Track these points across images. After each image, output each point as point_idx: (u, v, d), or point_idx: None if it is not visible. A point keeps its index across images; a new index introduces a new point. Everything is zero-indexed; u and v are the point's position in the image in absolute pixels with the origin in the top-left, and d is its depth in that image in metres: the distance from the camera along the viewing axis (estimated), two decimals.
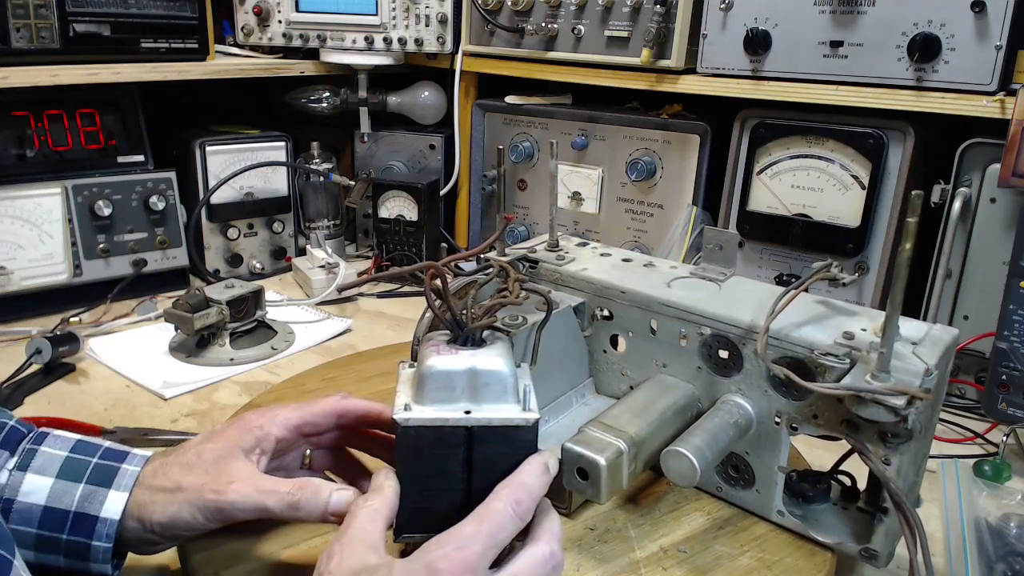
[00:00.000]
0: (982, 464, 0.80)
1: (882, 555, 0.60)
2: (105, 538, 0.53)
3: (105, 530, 0.53)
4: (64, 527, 0.53)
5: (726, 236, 0.73)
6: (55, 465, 0.55)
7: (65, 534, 0.53)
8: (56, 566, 0.54)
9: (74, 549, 0.53)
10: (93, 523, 0.53)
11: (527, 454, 0.50)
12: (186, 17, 1.19)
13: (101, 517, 0.53)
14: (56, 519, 0.53)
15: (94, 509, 0.53)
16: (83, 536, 0.53)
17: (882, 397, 0.52)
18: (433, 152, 1.45)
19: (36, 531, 0.53)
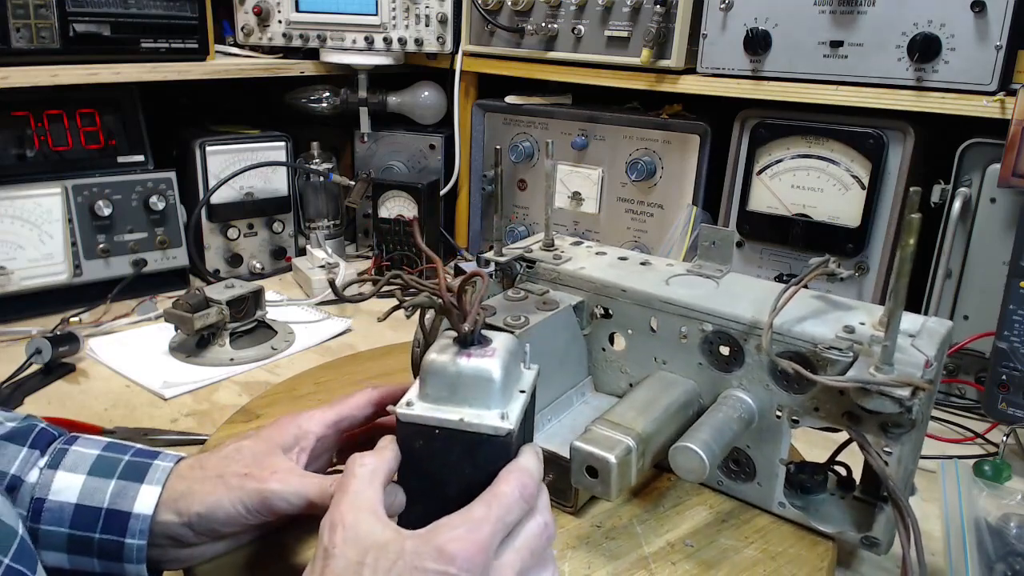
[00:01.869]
0: (982, 464, 0.80)
1: (883, 542, 0.60)
2: (139, 534, 0.52)
3: (138, 526, 0.52)
4: (96, 526, 0.52)
5: (722, 233, 0.73)
6: (87, 463, 0.54)
7: (98, 533, 0.52)
8: (90, 570, 0.53)
9: (107, 549, 0.52)
10: (126, 520, 0.52)
11: (504, 462, 0.49)
12: (186, 17, 1.19)
13: (134, 513, 0.52)
14: (88, 518, 0.52)
15: (127, 505, 0.52)
16: (116, 534, 0.52)
17: (888, 389, 0.52)
18: (433, 152, 1.45)
19: (68, 531, 0.52)
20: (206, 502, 0.52)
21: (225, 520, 0.52)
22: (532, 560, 0.47)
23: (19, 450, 0.53)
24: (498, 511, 0.46)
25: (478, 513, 0.45)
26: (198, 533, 0.53)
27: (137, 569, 0.53)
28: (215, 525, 0.53)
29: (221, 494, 0.52)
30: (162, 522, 0.53)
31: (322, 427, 0.58)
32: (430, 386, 0.50)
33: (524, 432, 0.52)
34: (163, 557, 0.54)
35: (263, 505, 0.52)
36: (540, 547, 0.47)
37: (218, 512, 0.52)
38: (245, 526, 0.54)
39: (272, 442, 0.56)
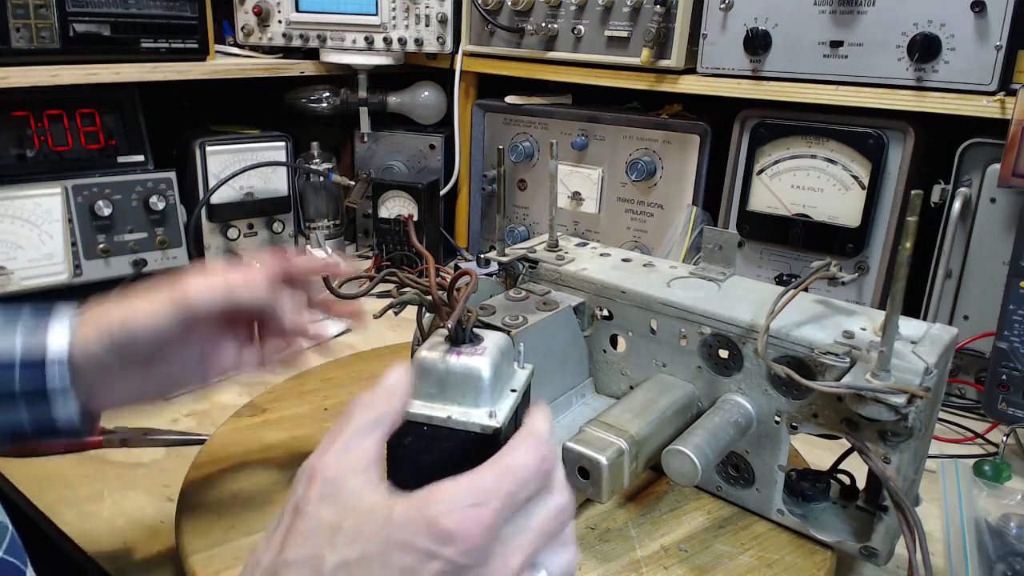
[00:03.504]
0: (982, 464, 0.80)
1: (882, 553, 0.60)
2: (60, 376, 0.50)
3: (56, 369, 0.50)
4: (13, 378, 0.50)
5: (726, 236, 0.73)
6: None
7: (17, 385, 0.50)
8: (20, 429, 0.51)
9: (33, 398, 0.50)
10: (42, 366, 0.50)
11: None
12: (186, 17, 1.19)
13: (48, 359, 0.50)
14: (4, 373, 0.50)
15: (39, 352, 0.50)
16: (37, 381, 0.50)
17: (883, 395, 0.52)
18: (433, 152, 1.45)
19: None
20: (122, 314, 0.51)
21: (145, 329, 0.51)
22: (544, 542, 0.39)
23: None
24: (511, 485, 0.37)
25: (487, 482, 0.37)
26: (122, 352, 0.51)
27: (65, 411, 0.51)
28: (136, 334, 0.51)
29: (136, 304, 0.51)
30: (84, 346, 0.51)
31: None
32: (420, 383, 0.50)
33: (515, 431, 0.52)
34: (96, 393, 0.53)
35: (180, 302, 0.51)
36: (555, 529, 0.39)
37: (137, 321, 0.51)
38: (169, 334, 0.52)
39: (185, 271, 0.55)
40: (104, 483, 0.75)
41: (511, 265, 0.79)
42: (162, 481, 0.76)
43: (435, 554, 0.35)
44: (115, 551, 0.66)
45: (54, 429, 0.52)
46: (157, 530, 0.69)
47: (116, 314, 0.51)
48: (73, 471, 0.77)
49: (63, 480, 0.76)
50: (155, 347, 0.52)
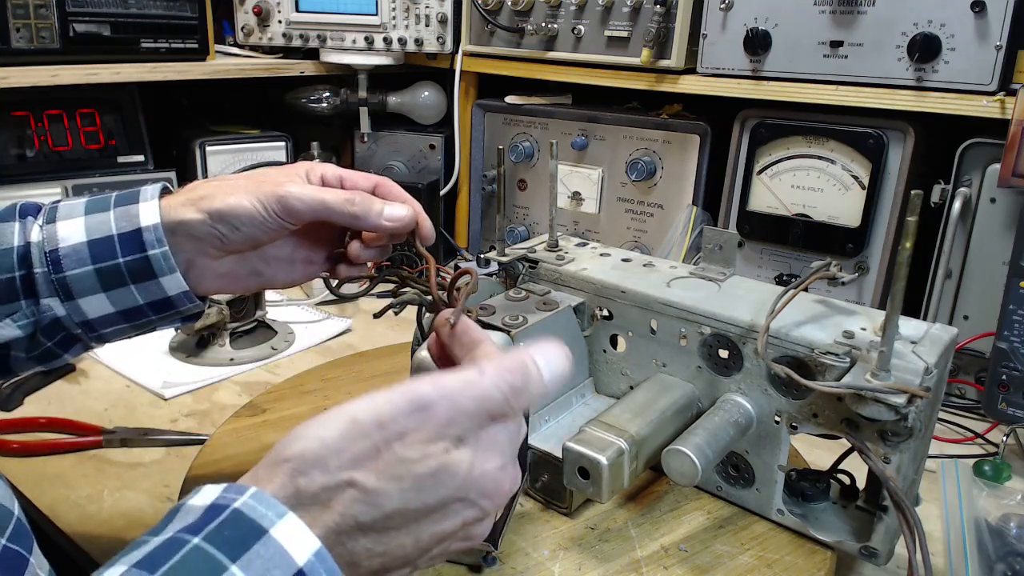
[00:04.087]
0: (982, 464, 0.80)
1: (882, 553, 0.60)
2: (157, 243, 0.53)
3: (152, 236, 0.53)
4: (115, 252, 0.53)
5: (726, 236, 0.73)
6: (80, 208, 0.54)
7: (120, 257, 0.53)
8: (135, 305, 0.54)
9: (136, 270, 0.53)
10: (139, 235, 0.53)
11: None
12: (186, 17, 1.19)
13: (143, 227, 0.53)
14: (104, 247, 0.53)
15: (133, 224, 0.53)
16: (136, 252, 0.53)
17: (882, 395, 0.52)
18: (433, 152, 1.45)
19: (93, 267, 0.52)
20: (227, 201, 0.53)
21: (245, 217, 0.54)
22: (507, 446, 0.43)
23: (12, 224, 0.53)
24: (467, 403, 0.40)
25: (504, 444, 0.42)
26: (221, 234, 0.54)
27: (174, 280, 0.54)
28: (236, 224, 0.54)
29: (241, 195, 0.54)
30: (184, 220, 0.53)
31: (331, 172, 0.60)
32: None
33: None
34: (194, 271, 0.55)
35: (280, 203, 0.54)
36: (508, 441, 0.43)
37: (239, 210, 0.53)
38: (266, 229, 0.55)
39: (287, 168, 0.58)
40: (104, 483, 0.75)
41: (511, 265, 0.79)
42: (162, 481, 0.76)
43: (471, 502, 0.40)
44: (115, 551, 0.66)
45: (168, 302, 0.55)
46: None
47: (217, 200, 0.54)
48: (73, 471, 0.77)
49: (63, 480, 0.76)
50: (251, 238, 0.55)
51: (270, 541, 0.34)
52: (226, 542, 0.33)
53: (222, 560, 0.33)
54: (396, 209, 0.58)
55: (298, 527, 0.35)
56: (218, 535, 0.34)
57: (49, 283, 0.52)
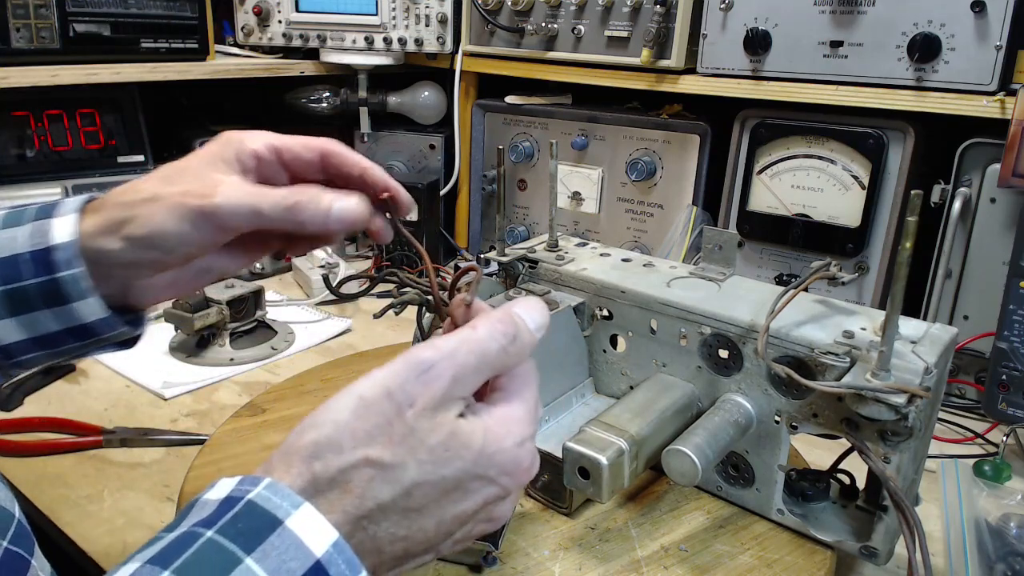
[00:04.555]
0: (982, 464, 0.80)
1: (882, 553, 0.60)
2: (66, 265, 0.47)
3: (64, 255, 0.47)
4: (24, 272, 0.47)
5: (726, 236, 0.73)
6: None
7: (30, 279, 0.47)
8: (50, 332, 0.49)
9: (47, 293, 0.47)
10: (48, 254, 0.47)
11: None
12: (186, 17, 1.19)
13: (53, 245, 0.47)
14: (13, 268, 0.47)
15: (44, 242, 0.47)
16: (46, 273, 0.47)
17: (883, 395, 0.52)
18: (433, 152, 1.45)
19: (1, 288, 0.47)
20: (147, 225, 0.47)
21: (172, 242, 0.48)
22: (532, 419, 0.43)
23: None
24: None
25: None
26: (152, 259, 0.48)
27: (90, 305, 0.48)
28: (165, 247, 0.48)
29: (163, 216, 0.47)
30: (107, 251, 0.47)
31: (263, 146, 0.51)
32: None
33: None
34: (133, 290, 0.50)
35: (210, 221, 0.47)
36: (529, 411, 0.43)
37: (162, 235, 0.47)
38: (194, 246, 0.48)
39: (210, 157, 0.50)
40: (104, 483, 0.75)
41: (511, 265, 0.79)
42: (162, 481, 0.76)
43: (491, 480, 0.40)
44: (115, 551, 0.66)
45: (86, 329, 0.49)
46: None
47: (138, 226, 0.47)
48: (73, 471, 0.77)
49: (63, 480, 0.76)
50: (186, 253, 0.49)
51: (285, 532, 0.33)
52: (240, 534, 0.33)
53: (236, 552, 0.32)
54: (347, 204, 0.49)
55: (315, 517, 0.34)
56: (232, 527, 0.33)
57: None
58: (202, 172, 0.49)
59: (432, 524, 0.39)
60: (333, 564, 0.33)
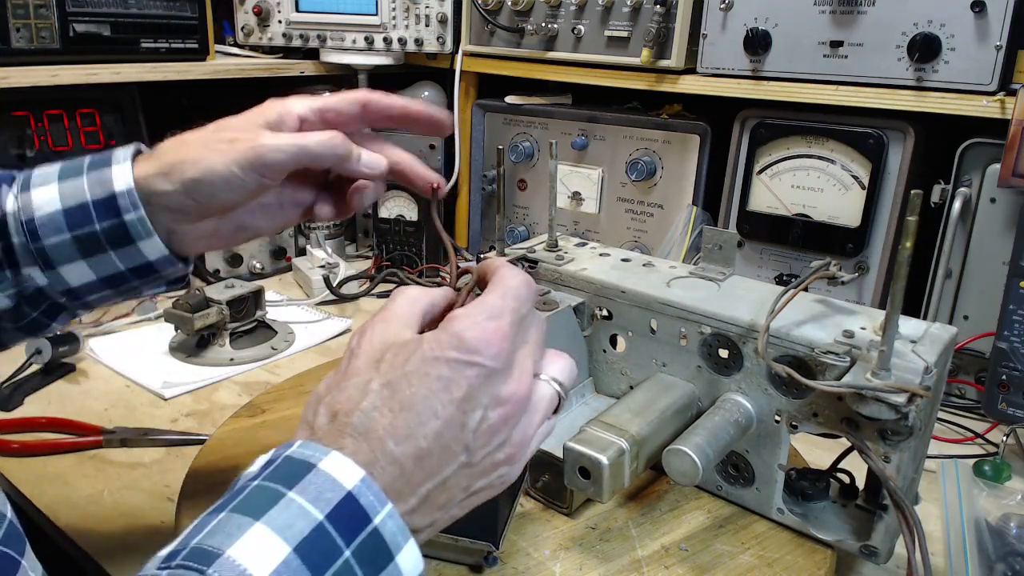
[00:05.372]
0: (982, 464, 0.80)
1: (882, 552, 0.60)
2: (132, 208, 0.51)
3: (127, 201, 0.51)
4: (91, 219, 0.51)
5: (725, 236, 0.73)
6: (54, 174, 0.53)
7: (97, 223, 0.51)
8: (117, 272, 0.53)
9: (115, 236, 0.52)
10: (113, 201, 0.51)
11: None
12: (186, 17, 1.19)
13: (117, 192, 0.51)
14: (80, 215, 0.51)
15: (106, 190, 0.51)
16: (112, 217, 0.51)
17: (883, 394, 0.52)
18: (433, 152, 1.45)
19: (71, 235, 0.51)
20: (198, 167, 0.51)
21: (221, 184, 0.51)
22: (540, 354, 0.47)
23: None
24: (513, 302, 0.44)
25: (496, 302, 0.44)
26: (199, 203, 0.52)
27: (153, 244, 0.53)
28: (213, 191, 0.52)
29: (213, 158, 0.51)
30: (159, 192, 0.52)
31: (307, 109, 0.56)
32: None
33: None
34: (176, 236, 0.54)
35: (257, 160, 0.51)
36: (543, 339, 0.47)
37: (212, 176, 0.51)
38: (245, 191, 0.53)
39: (255, 116, 0.55)
40: (104, 483, 0.75)
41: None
42: (162, 481, 0.76)
43: (469, 362, 0.41)
44: (115, 551, 0.66)
45: (150, 267, 0.54)
46: (157, 530, 0.69)
47: (190, 168, 0.51)
48: (73, 471, 0.77)
49: (63, 480, 0.76)
50: (231, 202, 0.54)
51: (319, 472, 0.37)
52: (281, 478, 0.37)
53: (280, 489, 0.37)
54: (372, 158, 0.56)
55: (343, 461, 0.38)
56: (273, 475, 0.38)
57: (28, 253, 0.51)
58: (248, 126, 0.54)
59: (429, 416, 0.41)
60: (363, 495, 0.37)
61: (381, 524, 0.37)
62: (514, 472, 0.45)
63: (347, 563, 0.36)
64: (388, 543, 0.37)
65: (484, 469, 0.43)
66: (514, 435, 0.44)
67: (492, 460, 0.43)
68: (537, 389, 0.45)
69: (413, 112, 0.59)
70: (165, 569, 0.35)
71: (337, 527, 0.36)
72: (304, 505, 0.36)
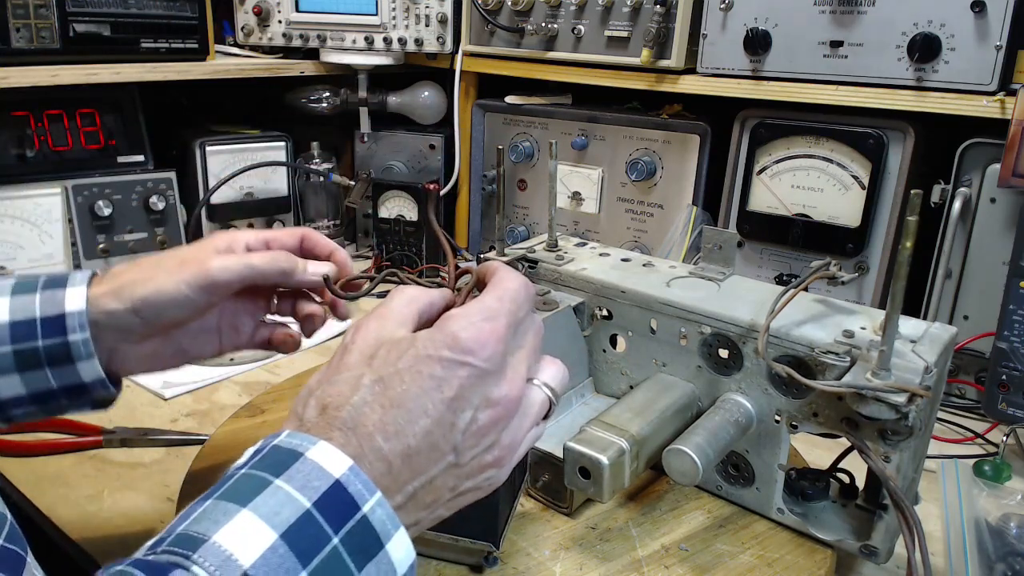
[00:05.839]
0: (982, 464, 0.80)
1: (882, 551, 0.60)
2: (79, 328, 0.52)
3: (76, 321, 0.53)
4: (36, 334, 0.52)
5: (725, 236, 0.73)
6: (7, 288, 0.54)
7: (40, 340, 0.52)
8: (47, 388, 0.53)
9: (54, 353, 0.53)
10: (62, 320, 0.53)
11: None
12: (186, 17, 1.19)
13: (68, 312, 0.53)
14: (25, 330, 0.52)
15: (57, 309, 0.53)
16: (57, 335, 0.52)
17: (883, 394, 0.52)
18: (433, 152, 1.45)
19: (12, 348, 0.52)
20: (148, 287, 0.54)
21: (169, 302, 0.54)
22: (535, 359, 0.47)
23: None
24: (510, 304, 0.45)
25: (492, 304, 0.44)
26: (146, 321, 0.54)
27: (91, 366, 0.53)
28: (161, 310, 0.54)
29: (162, 278, 0.54)
30: (108, 311, 0.53)
31: (253, 238, 0.60)
32: None
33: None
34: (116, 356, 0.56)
35: (206, 280, 0.54)
36: (538, 345, 0.47)
37: (161, 295, 0.53)
38: (192, 309, 0.55)
39: (208, 245, 0.58)
40: (104, 483, 0.75)
41: (511, 265, 0.78)
42: (162, 481, 0.76)
43: (462, 362, 0.41)
44: (115, 551, 0.66)
45: (83, 387, 0.54)
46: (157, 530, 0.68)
47: (140, 287, 0.54)
48: (73, 471, 0.77)
49: (63, 480, 0.76)
50: (177, 318, 0.56)
51: (307, 460, 0.38)
52: (268, 466, 0.37)
53: (266, 477, 0.37)
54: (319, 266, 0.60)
55: (331, 450, 0.38)
56: (260, 463, 0.38)
57: None
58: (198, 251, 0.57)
59: (420, 414, 0.41)
60: (351, 483, 0.38)
61: (370, 512, 0.37)
62: (502, 475, 0.45)
63: (335, 550, 0.36)
64: (378, 531, 0.37)
65: (471, 470, 0.43)
66: (503, 438, 0.44)
67: (480, 462, 0.43)
68: (529, 393, 0.46)
69: (339, 259, 0.63)
70: (151, 555, 0.35)
71: (325, 514, 0.36)
72: (291, 492, 0.36)
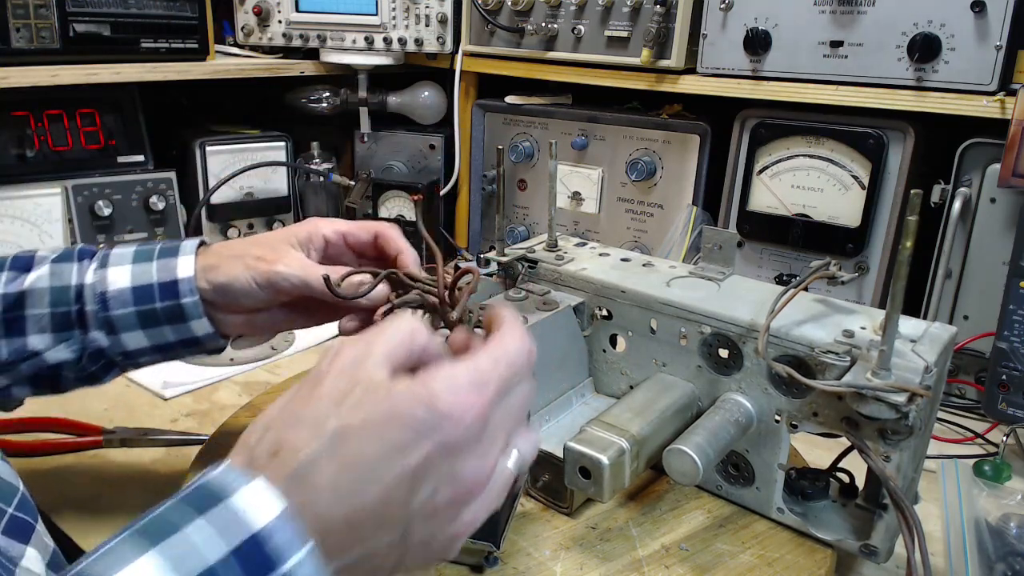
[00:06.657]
0: (982, 464, 0.80)
1: (882, 551, 0.60)
2: (189, 293, 0.62)
3: (187, 287, 0.62)
4: (154, 297, 0.61)
5: (725, 235, 0.73)
6: (128, 256, 0.63)
7: (158, 302, 0.61)
8: (168, 342, 0.63)
9: (171, 313, 0.62)
10: (175, 285, 0.62)
11: None
12: (186, 17, 1.19)
13: (180, 279, 0.62)
14: (146, 293, 0.61)
15: (171, 275, 0.62)
16: (172, 298, 0.62)
17: (883, 394, 0.52)
18: (433, 152, 1.45)
19: (135, 309, 0.61)
20: (227, 275, 0.62)
21: (241, 292, 0.62)
22: (516, 427, 0.42)
23: (72, 266, 0.62)
24: (505, 371, 0.40)
25: (486, 368, 0.40)
26: (225, 302, 0.63)
27: (202, 324, 0.63)
28: (234, 296, 0.62)
29: (239, 271, 0.62)
30: (200, 287, 0.62)
31: (332, 231, 0.67)
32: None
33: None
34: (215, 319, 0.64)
35: (268, 282, 0.62)
36: (524, 414, 0.43)
37: (235, 285, 0.62)
38: (258, 300, 0.63)
39: (289, 234, 0.66)
40: (104, 483, 0.75)
41: (511, 265, 0.79)
42: (162, 481, 0.76)
43: (433, 428, 0.37)
44: None
45: (196, 340, 0.64)
46: None
47: (220, 273, 0.62)
48: (73, 471, 0.77)
49: (63, 480, 0.76)
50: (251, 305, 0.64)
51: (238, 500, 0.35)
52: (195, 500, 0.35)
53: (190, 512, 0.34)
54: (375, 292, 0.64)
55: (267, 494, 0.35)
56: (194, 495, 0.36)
57: (97, 319, 0.61)
58: (278, 244, 0.64)
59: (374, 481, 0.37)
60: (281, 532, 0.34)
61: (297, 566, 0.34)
62: (452, 551, 0.41)
63: None
64: None
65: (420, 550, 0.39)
66: (463, 515, 0.40)
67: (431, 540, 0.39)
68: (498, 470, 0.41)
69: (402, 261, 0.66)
70: None
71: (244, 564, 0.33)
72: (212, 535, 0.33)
